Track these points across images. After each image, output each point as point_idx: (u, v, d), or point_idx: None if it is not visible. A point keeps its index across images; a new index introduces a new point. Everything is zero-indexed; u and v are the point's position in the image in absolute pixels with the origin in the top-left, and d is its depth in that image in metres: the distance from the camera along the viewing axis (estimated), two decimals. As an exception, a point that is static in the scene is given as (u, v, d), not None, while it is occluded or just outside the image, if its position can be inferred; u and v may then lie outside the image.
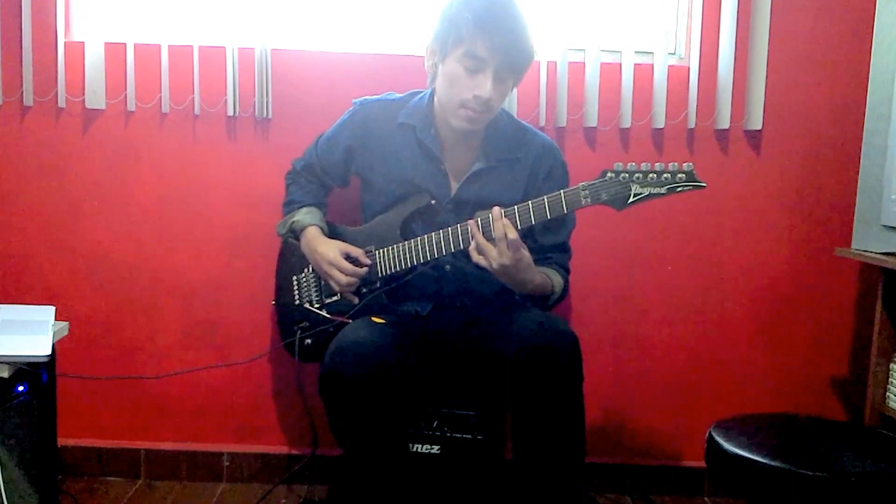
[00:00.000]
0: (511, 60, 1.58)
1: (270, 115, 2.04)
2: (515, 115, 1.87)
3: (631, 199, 1.48)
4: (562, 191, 1.52)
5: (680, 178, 1.46)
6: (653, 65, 2.01)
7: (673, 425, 2.15)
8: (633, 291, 2.12)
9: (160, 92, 2.02)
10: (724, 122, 2.03)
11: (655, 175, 1.47)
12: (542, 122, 2.02)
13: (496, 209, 1.53)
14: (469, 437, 1.68)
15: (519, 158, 1.73)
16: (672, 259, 2.11)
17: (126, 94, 2.02)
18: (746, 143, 2.06)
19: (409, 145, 1.74)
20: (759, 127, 2.04)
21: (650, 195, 1.48)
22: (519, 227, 1.54)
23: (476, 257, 1.55)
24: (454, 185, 1.73)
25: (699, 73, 2.02)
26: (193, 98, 2.02)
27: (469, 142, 1.73)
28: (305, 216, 1.83)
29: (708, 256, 2.11)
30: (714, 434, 1.54)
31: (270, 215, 1.98)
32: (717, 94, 2.03)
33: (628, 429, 2.15)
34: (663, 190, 1.47)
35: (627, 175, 1.48)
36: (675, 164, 1.47)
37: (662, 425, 2.15)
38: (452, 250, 1.63)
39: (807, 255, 2.10)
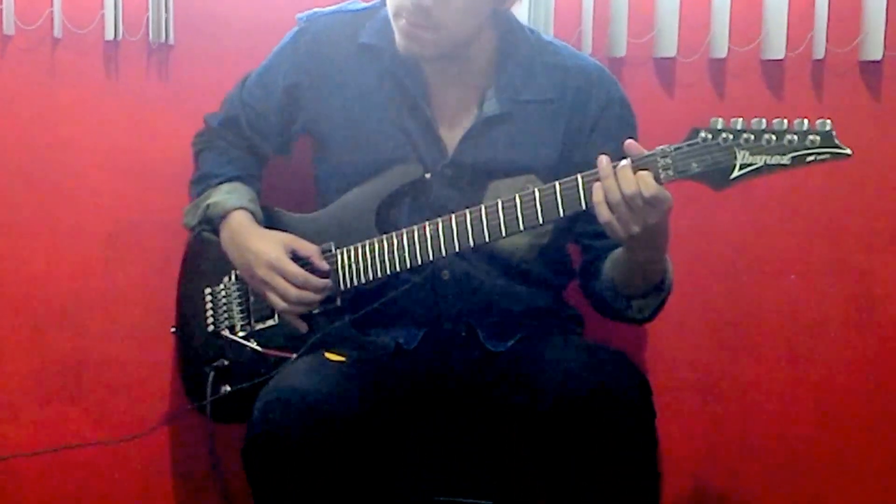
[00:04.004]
0: None
1: (172, 40, 2.04)
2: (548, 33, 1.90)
3: (736, 174, 1.48)
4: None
5: (812, 143, 1.45)
6: (763, -40, 2.02)
7: (798, 519, 2.15)
8: (734, 312, 2.12)
9: (1, 4, 2.00)
10: (876, 51, 2.02)
11: (773, 136, 1.46)
12: (588, 49, 2.03)
13: (603, 158, 1.50)
14: (482, 538, 1.70)
15: (551, 99, 1.75)
16: (795, 264, 2.11)
17: (-52, 8, 2.02)
18: (912, 82, 2.06)
19: (378, 79, 1.75)
20: (932, 57, 2.04)
21: (767, 167, 1.47)
22: (562, 213, 1.55)
23: (609, 217, 1.49)
24: (449, 143, 1.74)
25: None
26: (52, 13, 2.01)
27: (465, 73, 1.74)
28: (227, 196, 1.82)
29: (851, 262, 2.10)
30: (864, 534, 1.56)
31: (173, 193, 1.98)
32: (863, 6, 2.02)
33: (728, 523, 2.15)
34: (786, 160, 1.46)
35: (731, 136, 1.48)
36: (804, 121, 1.47)
37: (781, 518, 2.15)
38: (458, 248, 1.62)
39: None
